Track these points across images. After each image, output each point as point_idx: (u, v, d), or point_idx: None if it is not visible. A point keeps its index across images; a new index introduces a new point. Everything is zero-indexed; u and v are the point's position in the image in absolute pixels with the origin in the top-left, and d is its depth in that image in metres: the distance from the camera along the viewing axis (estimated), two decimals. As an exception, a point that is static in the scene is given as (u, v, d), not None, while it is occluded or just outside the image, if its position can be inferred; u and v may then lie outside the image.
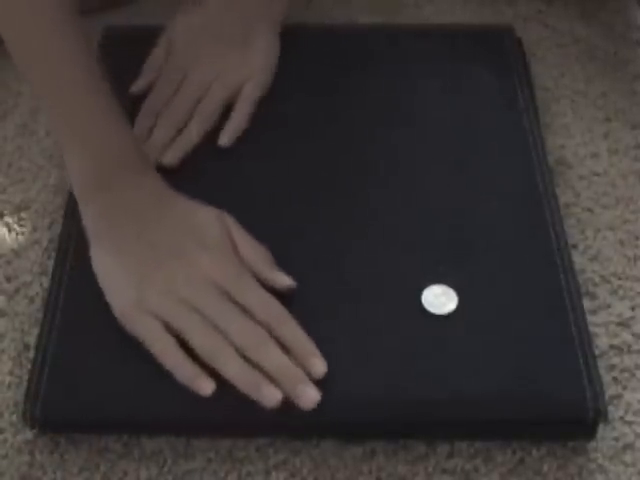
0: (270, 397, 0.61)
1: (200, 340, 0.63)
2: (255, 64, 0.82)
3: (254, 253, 0.68)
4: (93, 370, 0.65)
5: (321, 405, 0.63)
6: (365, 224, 0.73)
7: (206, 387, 0.62)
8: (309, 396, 0.62)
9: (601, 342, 0.71)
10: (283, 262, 0.70)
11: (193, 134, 0.77)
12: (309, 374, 0.63)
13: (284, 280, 0.67)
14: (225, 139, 0.78)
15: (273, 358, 0.62)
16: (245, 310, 0.64)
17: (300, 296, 0.69)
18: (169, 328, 0.64)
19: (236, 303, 0.64)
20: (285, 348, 0.63)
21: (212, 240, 0.67)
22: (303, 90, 0.83)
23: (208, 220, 0.68)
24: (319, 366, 0.63)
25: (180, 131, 0.78)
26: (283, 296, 0.67)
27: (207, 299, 0.64)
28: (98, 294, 0.68)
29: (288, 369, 0.62)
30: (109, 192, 0.69)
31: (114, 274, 0.67)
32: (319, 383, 0.64)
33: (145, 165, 0.72)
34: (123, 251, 0.67)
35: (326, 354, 0.65)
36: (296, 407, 0.62)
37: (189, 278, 0.65)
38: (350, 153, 0.78)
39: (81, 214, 0.70)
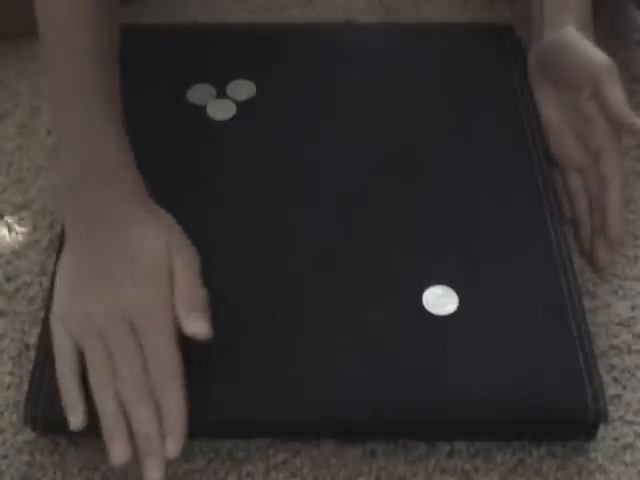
0: (116, 454, 0.60)
1: (92, 372, 0.63)
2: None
3: (185, 293, 0.65)
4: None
5: (321, 405, 0.64)
6: (366, 225, 0.73)
7: (75, 421, 0.62)
8: (151, 470, 0.60)
9: (601, 342, 0.71)
10: (283, 262, 0.71)
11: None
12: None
13: (195, 327, 0.64)
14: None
15: (141, 420, 0.61)
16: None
17: (300, 296, 0.69)
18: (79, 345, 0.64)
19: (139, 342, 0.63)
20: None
21: (147, 272, 0.65)
22: (302, 89, 0.83)
23: (153, 248, 0.66)
24: (171, 448, 0.61)
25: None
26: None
27: (115, 334, 0.63)
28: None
29: (148, 437, 0.61)
30: (82, 198, 0.68)
31: (60, 282, 0.67)
32: (319, 380, 0.64)
33: (127, 176, 0.69)
34: (72, 262, 0.67)
35: (326, 354, 0.66)
36: None
37: (106, 304, 0.64)
38: (349, 153, 0.78)
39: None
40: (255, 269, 0.71)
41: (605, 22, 0.92)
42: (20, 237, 0.77)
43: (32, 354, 0.68)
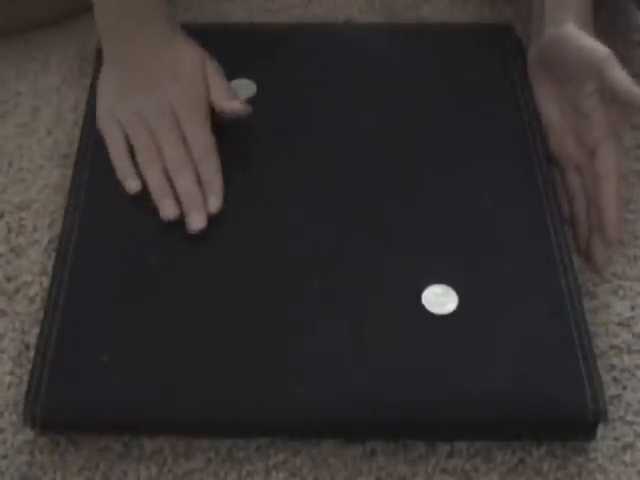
0: (167, 210, 0.73)
1: (140, 150, 0.76)
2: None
3: (221, 90, 0.78)
4: (93, 370, 0.65)
5: (321, 405, 0.64)
6: (366, 224, 0.73)
7: (130, 185, 0.75)
8: (196, 221, 0.72)
9: (601, 342, 0.71)
10: (283, 261, 0.71)
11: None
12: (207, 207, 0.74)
13: (234, 104, 0.78)
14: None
15: (184, 183, 0.74)
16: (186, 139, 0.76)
17: (300, 295, 0.69)
18: (127, 137, 0.77)
19: (182, 131, 0.76)
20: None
21: (185, 76, 0.78)
22: (303, 89, 0.83)
23: (189, 59, 0.79)
24: (213, 203, 0.73)
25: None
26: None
27: (159, 122, 0.76)
28: (98, 294, 0.69)
29: (191, 195, 0.73)
30: (123, 28, 0.79)
31: (104, 87, 0.80)
32: (319, 380, 0.64)
33: (157, 9, 0.80)
34: (118, 72, 0.79)
35: (326, 353, 0.66)
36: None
37: (153, 102, 0.77)
38: (350, 153, 0.78)
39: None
40: (254, 269, 0.71)
41: (605, 21, 0.92)
42: (20, 237, 0.77)
43: (32, 354, 0.68)
